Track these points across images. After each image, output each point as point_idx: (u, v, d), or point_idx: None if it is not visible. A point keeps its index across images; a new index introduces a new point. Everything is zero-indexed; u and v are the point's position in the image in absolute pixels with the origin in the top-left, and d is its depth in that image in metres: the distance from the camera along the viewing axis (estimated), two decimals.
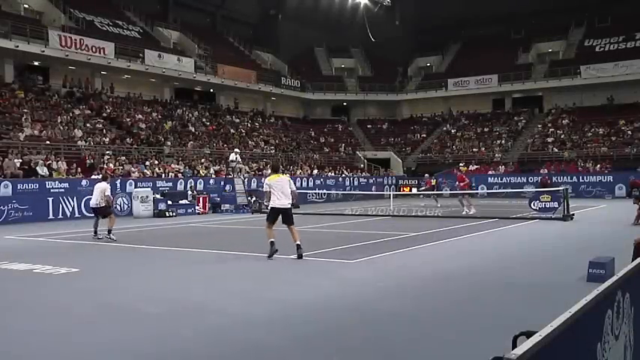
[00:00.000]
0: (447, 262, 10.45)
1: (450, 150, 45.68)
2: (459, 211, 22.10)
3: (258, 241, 13.13)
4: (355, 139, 50.86)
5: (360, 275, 9.20)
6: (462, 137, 47.44)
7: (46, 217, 21.19)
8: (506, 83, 48.18)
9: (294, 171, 36.27)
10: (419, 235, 14.78)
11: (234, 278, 9.14)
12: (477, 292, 7.80)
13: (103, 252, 12.68)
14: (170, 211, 23.44)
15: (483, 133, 47.32)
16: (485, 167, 40.48)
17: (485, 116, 49.97)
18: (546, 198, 19.86)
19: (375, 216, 22.32)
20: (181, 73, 39.30)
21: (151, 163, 28.33)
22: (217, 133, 38.97)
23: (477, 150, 44.31)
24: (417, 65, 57.70)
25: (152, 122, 35.34)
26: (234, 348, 5.44)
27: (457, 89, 50.31)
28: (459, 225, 17.49)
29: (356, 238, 14.40)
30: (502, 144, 44.61)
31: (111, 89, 37.36)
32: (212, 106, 44.39)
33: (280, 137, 44.53)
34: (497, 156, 42.27)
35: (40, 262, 10.41)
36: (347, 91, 53.41)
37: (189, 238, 15.15)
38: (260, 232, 16.55)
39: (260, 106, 49.05)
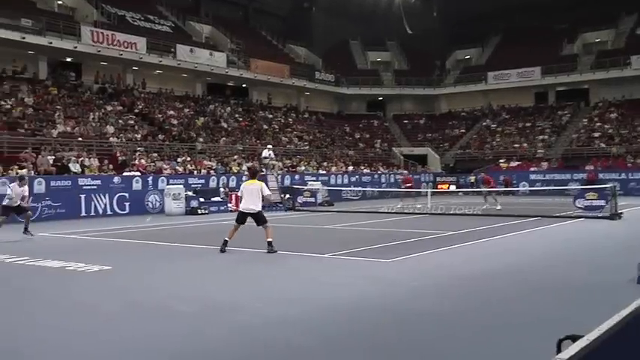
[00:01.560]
0: (487, 262, 10.32)
1: (489, 146, 45.08)
2: (499, 210, 21.99)
3: (290, 240, 13.14)
4: (391, 135, 50.60)
5: (394, 274, 9.14)
6: (503, 132, 46.77)
7: (78, 214, 21.64)
8: (549, 76, 47.29)
9: (329, 167, 36.28)
10: (457, 234, 14.62)
11: (267, 277, 9.18)
12: (518, 293, 7.67)
13: (135, 250, 12.88)
14: (202, 209, 23.67)
15: (525, 128, 46.55)
16: (527, 164, 39.83)
17: (527, 110, 49.16)
18: (592, 196, 19.47)
19: (411, 214, 22.17)
20: (213, 67, 39.66)
21: (183, 159, 28.65)
22: (250, 129, 39.22)
23: (519, 146, 43.62)
24: (455, 58, 57.06)
25: (184, 118, 35.75)
26: (265, 348, 5.46)
27: (497, 82, 49.60)
28: (499, 223, 17.25)
29: (392, 236, 14.31)
30: (545, 139, 43.82)
31: (142, 85, 37.92)
32: (245, 101, 44.67)
33: (314, 133, 44.57)
34: (540, 152, 41.55)
35: (73, 260, 10.63)
36: (383, 85, 53.16)
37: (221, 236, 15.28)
38: (294, 231, 16.63)
39: (293, 101, 49.18)
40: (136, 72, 37.70)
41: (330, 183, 33.02)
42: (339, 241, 13.53)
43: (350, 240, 13.77)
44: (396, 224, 18.18)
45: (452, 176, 41.12)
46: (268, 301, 7.33)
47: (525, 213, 20.56)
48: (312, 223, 18.98)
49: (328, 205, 27.88)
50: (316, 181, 30.89)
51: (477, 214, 21.36)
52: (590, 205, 19.32)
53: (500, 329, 6.00)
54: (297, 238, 14.34)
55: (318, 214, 23.33)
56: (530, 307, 6.90)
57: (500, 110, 50.67)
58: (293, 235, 15.56)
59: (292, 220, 20.37)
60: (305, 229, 17.26)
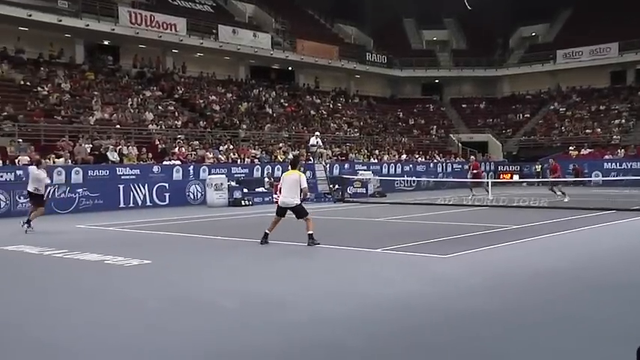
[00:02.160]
0: (552, 259, 10.16)
1: (557, 132, 44.16)
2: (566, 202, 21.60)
3: (339, 233, 13.19)
4: (448, 121, 50.05)
5: (450, 271, 9.11)
6: (573, 117, 45.71)
7: (116, 206, 22.21)
8: (628, 52, 45.74)
9: (381, 156, 36.18)
10: (519, 228, 14.43)
11: (315, 272, 9.28)
12: (586, 294, 7.54)
13: (175, 243, 13.17)
14: (246, 200, 23.93)
15: (599, 112, 45.35)
16: (601, 151, 38.84)
17: (601, 92, 47.85)
18: None
19: (471, 206, 21.94)
20: (257, 49, 39.97)
21: (226, 147, 29.01)
22: (296, 115, 39.40)
23: (591, 131, 42.58)
24: (519, 35, 55.93)
25: (226, 104, 36.17)
26: (311, 347, 5.55)
27: (567, 62, 48.41)
28: (567, 217, 16.91)
29: (449, 230, 14.21)
30: (622, 124, 42.62)
31: (183, 69, 38.53)
32: (291, 85, 44.86)
33: (365, 119, 44.47)
34: (616, 138, 40.47)
35: (112, 253, 10.95)
36: (439, 66, 52.57)
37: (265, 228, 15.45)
38: (343, 224, 16.68)
39: (343, 85, 49.13)
40: (175, 55, 38.33)
41: (382, 172, 32.92)
42: (391, 235, 13.52)
43: (403, 234, 13.74)
44: (454, 217, 18.02)
45: (515, 165, 40.49)
46: (314, 298, 7.42)
47: (597, 206, 20.09)
48: (363, 216, 18.99)
49: (380, 197, 27.81)
50: (367, 171, 30.83)
51: (542, 206, 21.00)
52: None
53: (562, 333, 5.90)
54: (347, 232, 14.37)
55: (369, 206, 23.29)
56: (598, 310, 6.78)
57: (571, 92, 49.48)
58: (342, 228, 15.61)
59: (341, 212, 20.42)
60: (355, 222, 17.29)
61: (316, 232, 11.86)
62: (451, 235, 13.12)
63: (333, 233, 12.71)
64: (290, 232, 12.51)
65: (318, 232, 11.96)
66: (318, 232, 11.96)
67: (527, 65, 50.93)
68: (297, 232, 12.46)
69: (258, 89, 40.62)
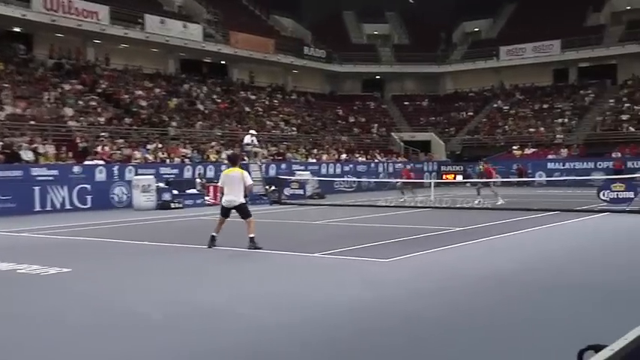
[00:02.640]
0: (496, 261, 10.38)
1: (501, 131, 45.22)
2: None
3: (276, 237, 13.15)
4: (390, 119, 50.61)
5: (394, 276, 9.18)
6: (517, 115, 46.89)
7: (31, 209, 21.47)
8: (570, 50, 47.30)
9: (319, 155, 36.27)
10: (463, 230, 14.68)
11: (250, 278, 9.20)
12: (533, 297, 7.71)
13: (98, 250, 12.83)
14: (176, 202, 23.63)
15: (542, 111, 46.69)
16: (545, 151, 40.02)
17: (544, 90, 49.28)
18: (619, 187, 19.56)
19: (413, 208, 22.24)
20: (187, 42, 39.46)
21: (154, 146, 28.56)
22: (230, 112, 39.11)
23: (535, 130, 43.76)
24: (462, 31, 57.07)
25: (154, 99, 35.60)
26: (245, 357, 5.47)
27: (511, 58, 49.67)
28: (512, 219, 17.32)
29: (391, 233, 14.34)
30: (565, 123, 43.98)
31: (106, 61, 37.68)
32: (224, 80, 44.50)
33: (303, 116, 44.51)
34: (559, 137, 41.69)
35: (26, 262, 10.56)
36: (380, 62, 53.11)
37: (198, 232, 15.26)
38: (280, 227, 16.63)
39: (279, 81, 49.05)
40: (97, 46, 37.43)
41: (321, 173, 33.00)
42: (330, 239, 13.56)
43: (343, 237, 13.79)
44: (396, 219, 18.22)
45: (458, 165, 41.22)
46: (248, 306, 7.33)
47: (542, 206, 20.62)
48: (301, 218, 19.00)
49: (319, 198, 27.86)
50: (305, 171, 30.87)
51: (486, 207, 21.46)
52: (616, 197, 19.41)
53: (509, 337, 6.02)
54: (284, 235, 14.34)
55: (307, 208, 23.32)
56: (545, 312, 6.93)
57: (514, 90, 50.77)
58: (279, 231, 15.57)
59: (278, 215, 20.36)
60: (292, 225, 17.28)
61: None
62: (393, 238, 13.24)
63: (270, 237, 12.66)
64: (226, 236, 12.39)
65: None
66: None
67: (470, 62, 51.94)
68: (234, 236, 12.35)
69: (189, 84, 40.12)
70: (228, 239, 12.35)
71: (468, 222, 16.36)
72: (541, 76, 49.38)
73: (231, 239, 12.37)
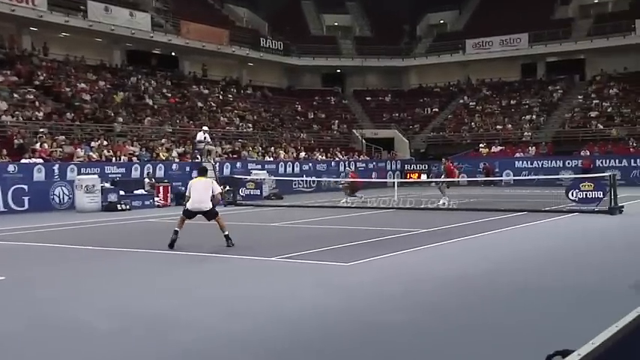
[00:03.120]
0: (463, 264, 10.48)
1: (467, 127, 45.73)
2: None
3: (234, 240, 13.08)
4: (351, 115, 50.78)
5: (356, 280, 9.20)
6: (483, 112, 47.49)
7: None
8: (538, 44, 48.16)
9: (277, 154, 36.21)
10: (429, 232, 14.82)
11: (205, 285, 9.13)
12: (501, 300, 7.82)
13: (36, 255, 12.60)
14: (122, 204, 23.40)
15: (510, 107, 47.37)
16: (512, 149, 40.57)
17: (512, 86, 50.03)
18: (588, 186, 19.90)
19: (376, 209, 22.35)
20: (135, 31, 39.04)
21: (98, 144, 28.18)
22: (181, 107, 38.80)
23: (502, 127, 44.38)
24: (427, 23, 57.58)
25: (99, 93, 35.13)
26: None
27: (477, 52, 50.30)
28: (478, 220, 17.53)
29: (352, 235, 14.40)
30: (533, 120, 44.73)
31: (44, 51, 37.04)
32: (174, 73, 44.12)
33: (259, 112, 44.40)
34: (527, 135, 42.35)
35: None
36: (341, 55, 53.27)
37: (147, 236, 15.12)
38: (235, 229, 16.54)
39: (234, 74, 48.82)
40: (35, 34, 36.75)
41: (279, 172, 32.95)
42: (288, 241, 13.56)
43: (302, 240, 13.81)
44: (358, 221, 18.29)
45: (423, 164, 41.52)
46: (202, 314, 7.28)
47: (509, 207, 20.94)
48: (257, 220, 18.96)
49: (276, 199, 27.85)
50: (262, 170, 30.83)
51: (452, 208, 21.69)
52: (585, 197, 19.75)
53: (477, 343, 6.09)
54: (240, 238, 14.25)
55: (264, 209, 23.32)
56: (512, 317, 7.03)
57: (481, 85, 51.39)
58: (234, 234, 15.43)
59: (233, 217, 20.25)
60: (249, 227, 17.21)
61: (204, 240, 11.72)
62: (355, 241, 13.29)
63: (224, 240, 12.58)
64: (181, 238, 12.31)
65: (206, 240, 11.87)
66: (206, 240, 11.87)
67: (435, 55, 52.40)
68: (189, 239, 12.26)
69: (137, 77, 39.69)
70: (183, 242, 12.26)
71: (434, 223, 16.50)
72: (509, 70, 50.12)
73: (186, 242, 12.28)
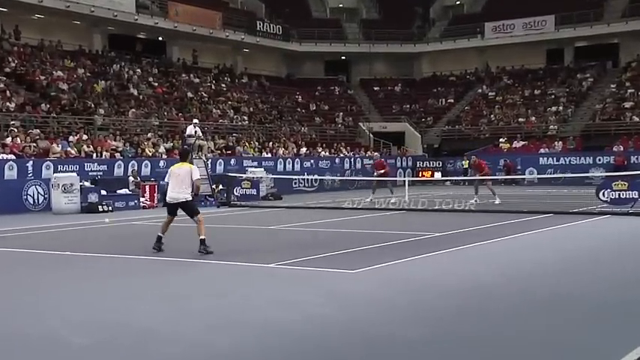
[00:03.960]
0: (480, 272, 10.46)
1: (486, 120, 45.68)
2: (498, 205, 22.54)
3: (224, 244, 13.10)
4: (357, 106, 50.76)
5: (362, 289, 9.20)
6: (504, 103, 47.43)
7: None
8: (566, 27, 47.99)
9: (275, 149, 36.21)
10: (443, 236, 14.81)
11: (193, 294, 9.13)
12: (521, 313, 7.78)
13: (9, 261, 12.63)
14: (104, 205, 23.41)
15: (533, 97, 47.31)
16: (536, 144, 40.53)
17: (536, 74, 49.95)
18: (622, 185, 19.85)
19: (384, 210, 22.35)
20: (117, 13, 39.06)
21: (77, 138, 28.19)
22: (169, 98, 38.82)
23: (525, 120, 44.32)
24: (442, 4, 57.52)
25: (77, 82, 35.14)
26: None
27: (497, 36, 50.22)
28: (498, 222, 17.51)
29: (358, 240, 14.40)
30: (559, 111, 44.65)
31: (15, 34, 37.09)
32: (161, 60, 44.16)
33: (256, 103, 44.40)
34: (553, 128, 42.30)
35: None
36: (346, 40, 53.21)
37: (131, 241, 15.12)
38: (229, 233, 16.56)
39: (228, 61, 48.81)
40: (5, 15, 36.83)
41: (277, 170, 32.98)
42: (288, 246, 13.56)
43: (303, 244, 13.81)
44: (364, 224, 18.28)
45: (437, 160, 41.48)
46: (193, 327, 7.28)
47: (532, 208, 20.93)
48: (253, 223, 18.95)
49: (274, 199, 27.86)
50: (258, 168, 30.81)
51: (469, 210, 21.63)
52: (618, 197, 19.69)
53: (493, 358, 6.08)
54: (234, 243, 14.27)
55: (261, 211, 23.35)
56: (535, 331, 7.01)
57: (501, 73, 51.32)
58: (228, 238, 15.48)
59: (227, 219, 20.29)
60: (244, 231, 17.23)
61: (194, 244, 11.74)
62: (361, 246, 13.28)
63: (217, 245, 12.59)
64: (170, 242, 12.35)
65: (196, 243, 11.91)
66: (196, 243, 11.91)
67: (450, 40, 52.35)
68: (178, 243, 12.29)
69: (120, 64, 39.70)
70: (172, 245, 12.29)
71: (448, 226, 16.48)
72: (532, 57, 49.98)
73: (175, 246, 12.31)
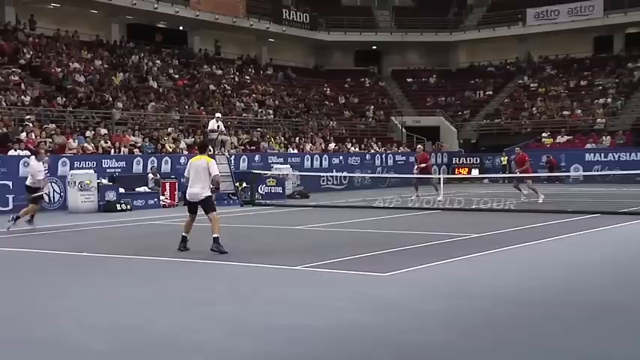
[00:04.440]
0: (520, 277, 10.39)
1: (527, 114, 45.39)
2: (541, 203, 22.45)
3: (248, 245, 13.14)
4: (389, 100, 50.65)
5: (395, 294, 9.18)
6: (547, 95, 47.10)
7: None
8: (616, 12, 47.50)
9: (302, 145, 36.23)
10: (481, 238, 14.74)
11: (216, 298, 9.16)
12: (567, 322, 7.72)
13: (25, 262, 12.75)
14: (123, 203, 23.56)
15: (579, 89, 46.92)
16: (582, 139, 40.21)
17: (582, 63, 49.53)
18: None
19: (418, 209, 22.30)
20: (136, 2, 39.31)
21: (94, 133, 28.41)
22: (190, 91, 38.98)
23: (569, 113, 43.98)
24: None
25: (94, 74, 35.38)
26: None
27: (540, 23, 49.86)
28: (540, 223, 17.41)
29: (390, 241, 14.39)
30: (608, 104, 44.23)
31: (30, 24, 37.41)
32: (182, 51, 44.34)
33: (281, 96, 44.44)
34: (600, 122, 41.95)
35: None
36: (378, 29, 53.13)
37: (151, 241, 15.21)
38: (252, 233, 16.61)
39: (252, 52, 48.93)
40: (20, 5, 37.20)
41: (304, 167, 33.00)
42: (315, 248, 13.56)
43: (330, 246, 13.79)
44: (396, 224, 18.24)
45: (474, 157, 41.33)
46: (214, 333, 7.32)
47: (578, 208, 20.78)
48: (279, 223, 18.97)
49: (301, 198, 27.93)
50: (284, 164, 30.89)
51: (509, 209, 21.53)
52: None
53: None
54: (258, 244, 14.28)
55: (286, 210, 23.38)
56: (582, 341, 6.97)
57: (544, 63, 50.97)
58: (251, 238, 15.52)
59: (251, 219, 20.34)
60: (268, 231, 17.23)
61: None
62: (393, 247, 13.26)
63: (240, 246, 12.65)
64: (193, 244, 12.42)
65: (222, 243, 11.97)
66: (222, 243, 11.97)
67: (489, 28, 52.04)
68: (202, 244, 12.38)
69: (139, 55, 39.93)
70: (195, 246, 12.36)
71: (486, 227, 16.39)
72: (578, 45, 49.62)
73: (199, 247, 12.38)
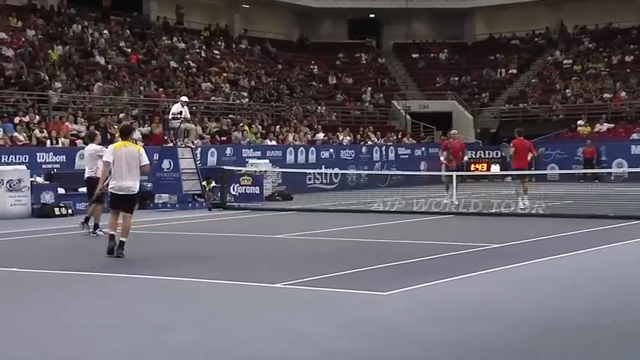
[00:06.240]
0: (549, 295, 10.43)
1: (560, 97, 45.46)
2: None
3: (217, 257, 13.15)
4: (391, 80, 50.69)
5: (396, 317, 9.22)
6: (584, 74, 47.18)
7: None
8: None
9: (284, 135, 36.18)
10: (502, 248, 14.79)
11: (176, 324, 9.19)
12: (603, 349, 7.80)
13: None
14: (62, 207, 23.57)
15: (624, 66, 47.02)
16: (626, 127, 40.32)
17: (627, 35, 49.63)
18: None
19: (426, 214, 22.31)
20: None
21: (27, 121, 28.35)
22: (146, 69, 38.94)
23: (612, 96, 44.06)
24: None
25: (26, 47, 35.31)
26: None
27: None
28: (575, 230, 17.47)
29: (391, 252, 14.41)
30: None
31: None
32: (136, 19, 44.26)
33: (258, 75, 44.39)
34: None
35: None
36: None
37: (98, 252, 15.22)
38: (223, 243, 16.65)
39: (222, 21, 48.89)
40: None
41: (286, 162, 32.99)
42: (299, 261, 13.58)
43: (318, 259, 13.84)
44: (399, 232, 18.28)
45: (494, 149, 41.36)
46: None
47: (620, 212, 20.78)
48: (255, 230, 18.94)
49: (283, 200, 27.94)
50: (262, 159, 30.86)
51: (536, 214, 21.60)
52: None
53: None
54: (229, 256, 14.29)
55: (264, 215, 23.38)
56: None
57: (580, 35, 51.06)
58: (221, 249, 15.51)
59: (220, 225, 20.34)
60: (242, 240, 17.21)
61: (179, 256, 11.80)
62: (394, 261, 13.24)
63: (207, 258, 12.65)
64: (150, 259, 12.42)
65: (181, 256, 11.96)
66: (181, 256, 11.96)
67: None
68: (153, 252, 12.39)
69: (81, 24, 39.84)
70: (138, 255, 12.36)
71: (508, 236, 16.46)
72: (622, 12, 49.62)
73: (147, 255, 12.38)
